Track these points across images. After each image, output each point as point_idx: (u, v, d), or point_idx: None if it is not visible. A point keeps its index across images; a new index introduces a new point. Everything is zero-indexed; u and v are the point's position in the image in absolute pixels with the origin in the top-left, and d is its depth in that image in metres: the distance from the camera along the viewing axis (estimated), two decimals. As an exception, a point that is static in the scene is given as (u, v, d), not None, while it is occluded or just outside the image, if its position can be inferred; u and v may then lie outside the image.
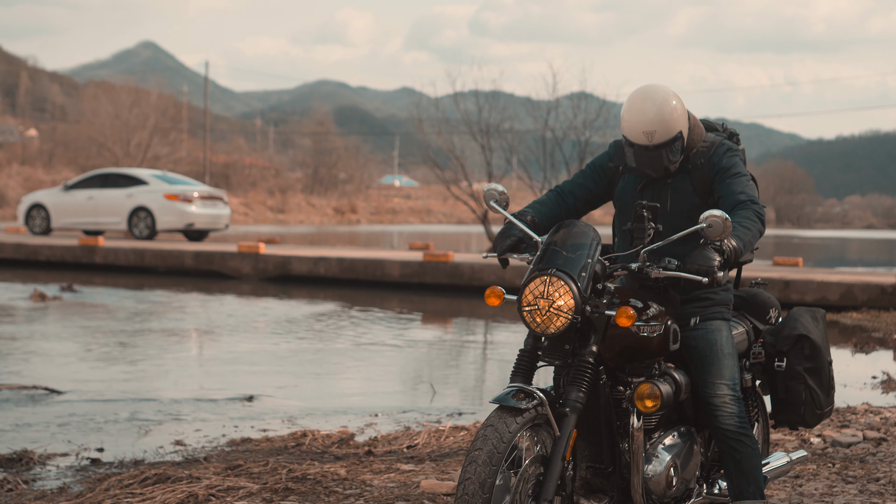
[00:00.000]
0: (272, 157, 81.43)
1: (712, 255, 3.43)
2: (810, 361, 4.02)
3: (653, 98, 3.72)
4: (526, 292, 3.40)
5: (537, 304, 3.38)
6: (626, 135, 3.77)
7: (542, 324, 3.37)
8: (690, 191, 3.83)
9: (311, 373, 9.19)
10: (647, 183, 3.88)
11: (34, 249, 20.50)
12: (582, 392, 3.37)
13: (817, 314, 4.15)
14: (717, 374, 3.69)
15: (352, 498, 4.64)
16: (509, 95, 32.26)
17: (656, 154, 3.74)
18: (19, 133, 65.60)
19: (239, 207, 55.22)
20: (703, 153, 3.84)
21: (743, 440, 3.66)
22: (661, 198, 3.84)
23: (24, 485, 5.11)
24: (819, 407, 4.05)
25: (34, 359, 9.28)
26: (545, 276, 3.39)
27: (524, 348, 3.50)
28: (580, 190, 4.00)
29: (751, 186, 3.77)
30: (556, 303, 3.35)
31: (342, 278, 17.67)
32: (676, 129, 3.73)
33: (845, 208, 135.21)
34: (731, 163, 3.80)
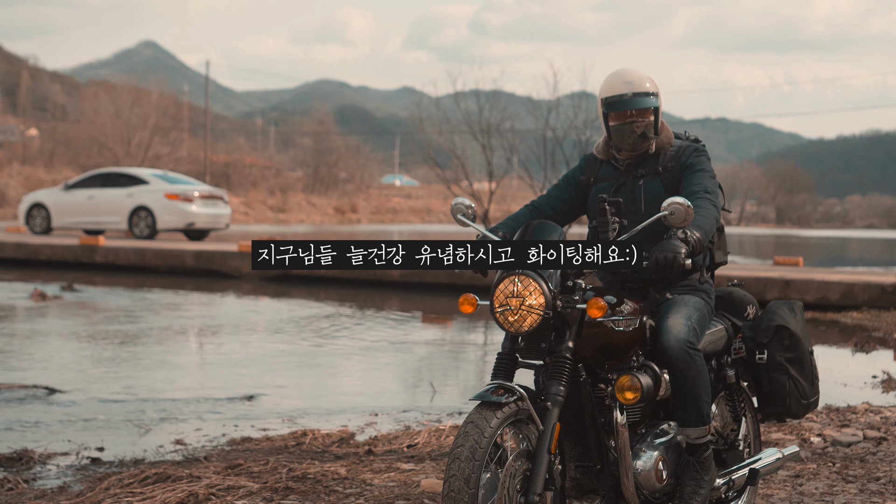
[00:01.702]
0: (273, 157, 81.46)
1: (678, 245, 3.51)
2: (791, 352, 4.08)
3: (630, 66, 4.09)
4: (497, 294, 3.43)
5: (509, 304, 3.40)
6: (606, 94, 3.97)
7: (514, 323, 3.40)
8: (662, 192, 3.96)
9: (311, 372, 9.19)
10: (619, 186, 4.01)
11: (35, 249, 20.50)
12: (562, 386, 3.40)
13: (794, 306, 4.21)
14: (676, 307, 3.77)
15: (352, 497, 4.64)
16: (510, 95, 32.29)
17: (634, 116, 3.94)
18: (20, 132, 65.61)
19: (239, 207, 55.22)
20: (673, 156, 4.01)
21: (689, 363, 3.66)
22: (635, 199, 3.97)
23: (25, 484, 5.11)
24: (805, 397, 4.09)
25: (34, 358, 9.29)
26: (513, 276, 3.42)
27: (502, 351, 3.53)
28: (556, 202, 4.12)
29: (711, 182, 3.91)
30: (528, 301, 3.38)
31: (342, 278, 17.67)
32: (653, 90, 3.98)
33: (846, 208, 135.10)
34: (697, 160, 3.98)
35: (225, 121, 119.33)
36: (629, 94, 3.95)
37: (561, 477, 3.44)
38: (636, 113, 3.96)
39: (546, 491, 3.32)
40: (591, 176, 4.10)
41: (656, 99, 3.99)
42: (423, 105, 32.26)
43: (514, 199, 59.78)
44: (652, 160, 4.04)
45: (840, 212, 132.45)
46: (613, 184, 4.03)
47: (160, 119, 59.26)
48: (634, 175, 4.02)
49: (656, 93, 4.00)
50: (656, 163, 4.02)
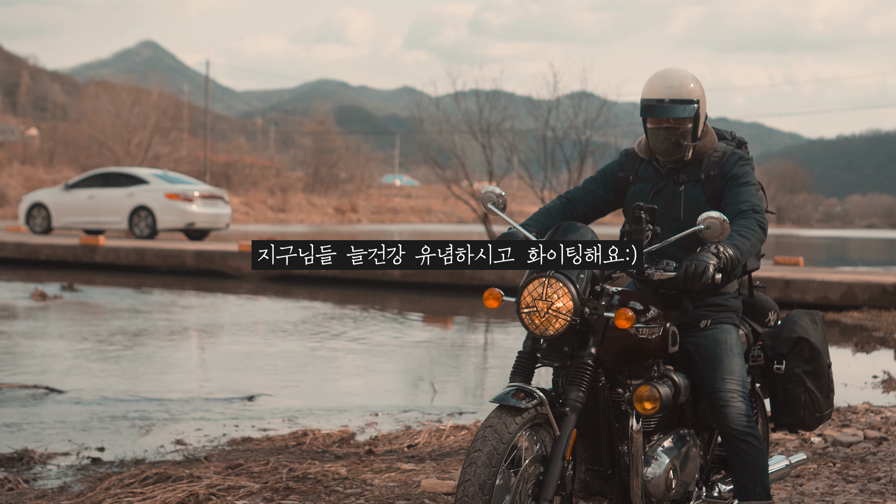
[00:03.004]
0: (273, 157, 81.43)
1: (709, 258, 3.44)
2: (809, 364, 4.01)
3: (677, 68, 3.92)
4: (524, 294, 3.39)
5: (536, 306, 3.36)
6: (646, 95, 3.85)
7: (540, 326, 3.36)
8: (703, 200, 3.86)
9: (312, 372, 9.19)
10: (658, 189, 3.92)
11: (35, 249, 20.50)
12: (581, 392, 3.37)
13: (816, 317, 4.14)
14: (726, 372, 3.69)
15: (352, 497, 4.64)
16: (510, 95, 32.26)
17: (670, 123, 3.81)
18: (20, 132, 65.61)
19: (240, 207, 55.22)
20: (716, 163, 3.89)
21: (750, 440, 3.65)
22: (675, 205, 3.88)
23: (25, 484, 5.11)
24: (819, 410, 4.03)
25: (34, 358, 9.28)
26: (543, 278, 3.37)
27: (523, 350, 3.50)
28: (591, 197, 4.02)
29: (757, 196, 3.80)
30: (555, 305, 3.34)
31: (342, 278, 17.67)
32: (695, 96, 3.82)
33: (846, 208, 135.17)
34: (742, 171, 3.84)
35: (225, 121, 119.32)
36: (667, 101, 3.81)
37: (571, 481, 3.41)
38: (673, 121, 3.83)
39: (556, 496, 3.30)
40: (630, 174, 3.99)
41: (697, 106, 3.82)
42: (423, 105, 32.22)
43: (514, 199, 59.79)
44: (694, 166, 3.92)
45: (840, 212, 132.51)
46: (653, 186, 3.93)
47: (160, 119, 59.25)
48: (676, 180, 3.91)
49: (698, 99, 3.83)
50: (699, 169, 3.90)
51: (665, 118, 3.82)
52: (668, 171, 3.92)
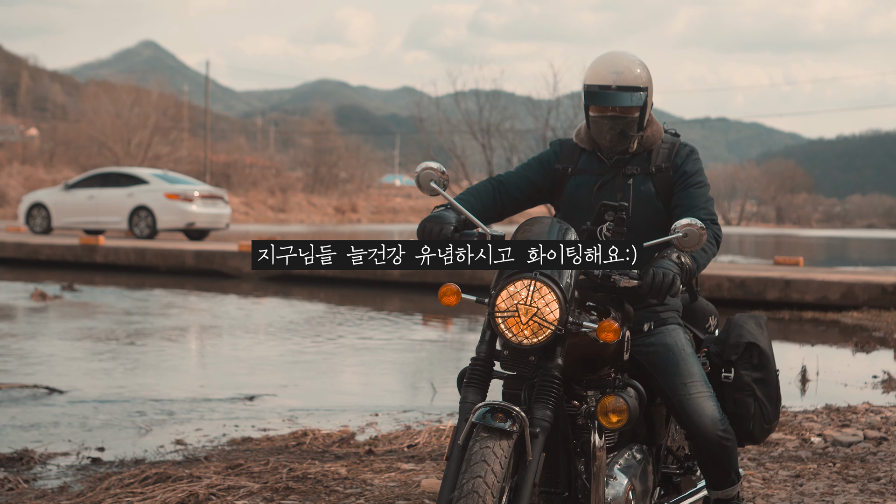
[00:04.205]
0: (273, 157, 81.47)
1: (672, 266, 3.18)
2: (759, 371, 3.69)
3: (623, 51, 3.63)
4: (502, 295, 3.02)
5: (516, 311, 2.99)
6: (590, 81, 3.54)
7: (519, 334, 2.99)
8: (653, 194, 3.60)
9: (312, 372, 9.19)
10: (604, 183, 3.62)
11: (35, 249, 20.50)
12: (549, 410, 3.01)
13: (760, 320, 3.83)
14: (687, 375, 3.43)
15: (352, 497, 4.64)
16: (510, 95, 32.28)
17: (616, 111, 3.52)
18: (20, 132, 65.62)
19: (240, 207, 55.23)
20: (665, 155, 3.63)
21: (727, 442, 3.43)
22: (622, 201, 3.57)
23: (25, 484, 5.11)
24: (767, 421, 3.71)
25: (34, 358, 9.28)
26: (528, 280, 3.00)
27: (478, 357, 3.12)
28: (525, 183, 3.69)
29: (711, 200, 3.59)
30: (541, 311, 2.98)
31: (342, 278, 17.67)
32: (643, 83, 3.53)
33: (846, 208, 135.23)
34: (696, 169, 3.61)
35: (225, 121, 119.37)
36: (613, 88, 3.50)
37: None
38: (619, 109, 3.52)
39: None
40: (569, 165, 3.66)
41: (645, 94, 3.53)
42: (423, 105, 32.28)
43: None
44: (642, 158, 3.64)
45: (840, 212, 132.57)
46: (597, 179, 3.62)
47: (160, 119, 59.29)
48: (624, 173, 3.61)
49: (647, 87, 3.54)
50: (648, 161, 3.62)
51: (610, 106, 3.53)
52: (614, 163, 3.63)
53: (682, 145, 3.66)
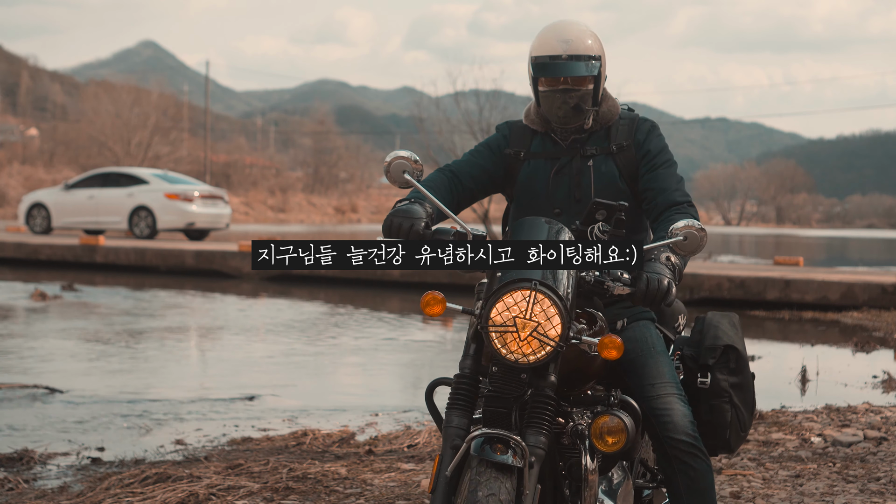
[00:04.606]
0: (273, 157, 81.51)
1: (664, 270, 2.85)
2: (736, 376, 3.32)
3: (572, 20, 3.37)
4: (499, 308, 2.69)
5: (514, 326, 2.67)
6: (538, 52, 3.26)
7: (516, 351, 2.67)
8: (616, 176, 3.31)
9: (312, 372, 9.19)
10: (561, 166, 3.32)
11: (35, 249, 20.50)
12: (543, 436, 2.71)
13: (734, 319, 3.48)
14: (656, 374, 3.08)
15: (352, 497, 4.64)
16: (510, 95, 32.25)
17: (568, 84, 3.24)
18: (20, 132, 65.65)
19: (240, 207, 55.24)
20: (625, 131, 3.34)
21: (697, 454, 3.02)
22: (583, 184, 3.30)
23: (25, 484, 5.11)
24: (744, 428, 3.35)
25: (34, 358, 9.28)
26: (528, 291, 2.67)
27: (462, 373, 2.80)
28: (478, 172, 3.39)
29: (682, 180, 3.30)
30: (542, 326, 2.66)
31: (342, 278, 17.67)
32: (595, 51, 3.26)
33: (846, 208, 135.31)
34: (661, 145, 3.32)
35: (225, 120, 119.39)
36: (564, 57, 3.23)
37: None
38: (571, 81, 3.24)
39: None
40: (521, 149, 3.37)
41: (598, 64, 3.25)
42: (423, 105, 32.26)
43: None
44: (600, 136, 3.34)
45: (840, 212, 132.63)
46: (554, 163, 3.33)
47: (160, 119, 59.31)
48: (582, 154, 3.32)
49: (599, 56, 3.26)
50: (607, 140, 3.33)
51: (562, 77, 3.25)
52: (570, 144, 3.34)
53: (643, 120, 3.38)
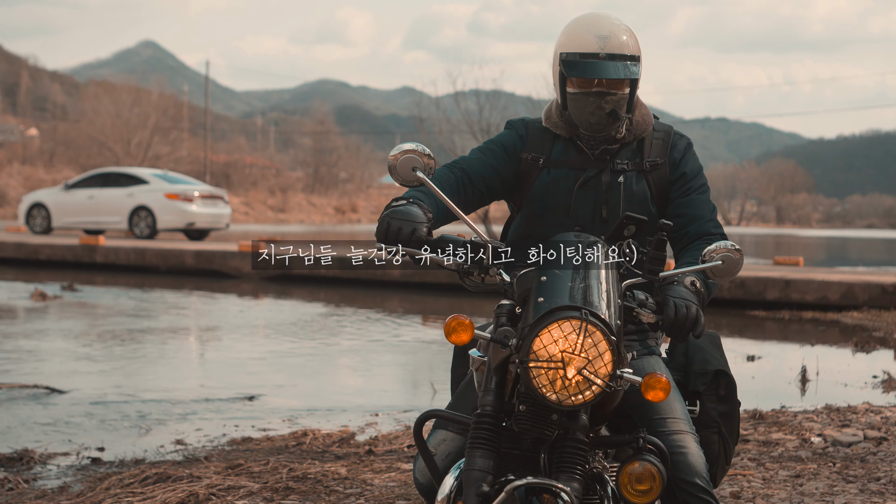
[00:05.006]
0: (273, 157, 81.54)
1: (691, 296, 2.59)
2: (725, 404, 3.01)
3: (605, 12, 2.99)
4: (545, 341, 2.32)
5: (562, 362, 2.31)
6: (570, 48, 2.87)
7: (560, 392, 2.32)
8: (648, 196, 2.97)
9: (312, 372, 9.19)
10: (587, 180, 2.95)
11: (35, 249, 20.50)
12: (577, 482, 2.41)
13: (716, 340, 3.13)
14: (668, 409, 2.77)
15: (352, 497, 4.64)
16: (510, 95, 32.28)
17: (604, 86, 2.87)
18: (20, 132, 65.66)
19: (240, 207, 55.25)
20: (659, 147, 3.00)
21: (709, 499, 2.72)
22: (610, 202, 2.94)
23: (25, 484, 5.11)
24: (728, 461, 3.04)
25: (34, 358, 9.28)
26: (578, 322, 2.31)
27: (483, 412, 2.47)
28: (490, 173, 2.98)
29: (715, 209, 3.03)
30: (595, 364, 2.31)
31: (342, 278, 17.67)
32: (635, 51, 2.89)
33: (846, 208, 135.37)
34: (696, 168, 3.01)
35: (225, 120, 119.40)
36: (601, 56, 2.84)
37: None
38: (607, 83, 2.86)
39: None
40: (540, 155, 2.98)
41: (638, 66, 2.88)
42: (423, 105, 32.29)
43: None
44: (632, 149, 2.99)
45: (840, 212, 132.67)
46: (578, 175, 2.95)
47: (160, 119, 59.32)
48: (613, 168, 2.96)
49: (639, 56, 2.90)
50: (640, 154, 2.98)
51: (597, 79, 2.86)
52: (599, 155, 2.96)
53: (678, 136, 3.05)
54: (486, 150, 3.01)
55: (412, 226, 2.57)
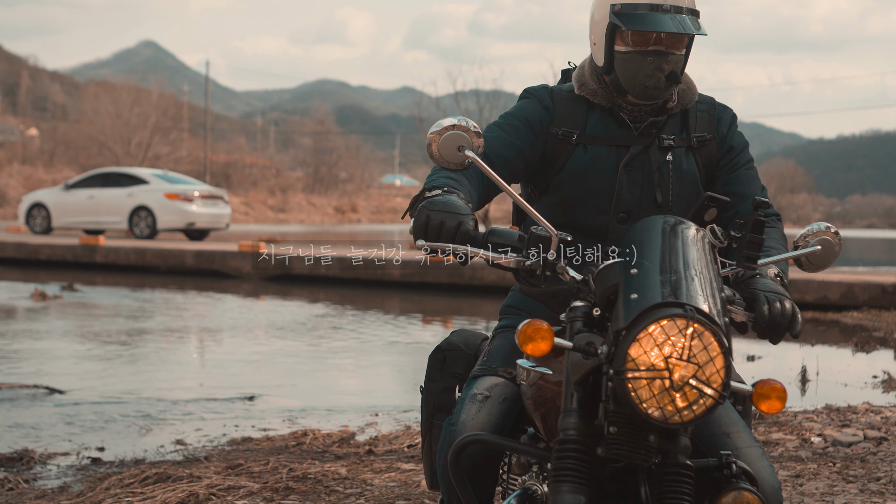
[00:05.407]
0: (273, 157, 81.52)
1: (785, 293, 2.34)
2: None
3: None
4: (645, 345, 1.90)
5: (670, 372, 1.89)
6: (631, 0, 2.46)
7: (666, 406, 1.90)
8: (697, 177, 2.61)
9: (312, 372, 9.19)
10: (632, 158, 2.55)
11: (35, 249, 20.50)
12: None
13: None
14: (728, 421, 2.36)
15: (352, 497, 4.64)
16: (510, 95, 32.28)
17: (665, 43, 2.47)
18: (20, 132, 65.66)
19: (240, 207, 55.24)
20: (705, 120, 2.63)
21: None
22: (662, 185, 2.57)
23: (25, 484, 5.11)
24: None
25: (34, 358, 9.28)
26: (683, 320, 1.90)
27: (567, 437, 2.03)
28: (514, 154, 2.53)
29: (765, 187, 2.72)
30: (706, 371, 1.90)
31: (343, 278, 17.67)
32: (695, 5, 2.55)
33: (846, 208, 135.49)
34: (744, 142, 2.68)
35: (225, 120, 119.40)
36: (666, 7, 2.45)
37: None
38: (667, 41, 2.46)
39: None
40: (573, 130, 2.55)
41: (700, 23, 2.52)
42: (423, 105, 32.31)
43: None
44: (675, 121, 2.60)
45: (840, 212, 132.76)
46: (622, 153, 2.55)
47: (160, 119, 59.32)
48: (660, 144, 2.57)
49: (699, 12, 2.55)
50: (685, 128, 2.60)
51: (657, 36, 2.46)
52: (645, 129, 2.57)
53: (722, 108, 2.69)
54: (507, 126, 2.57)
55: (456, 219, 2.15)
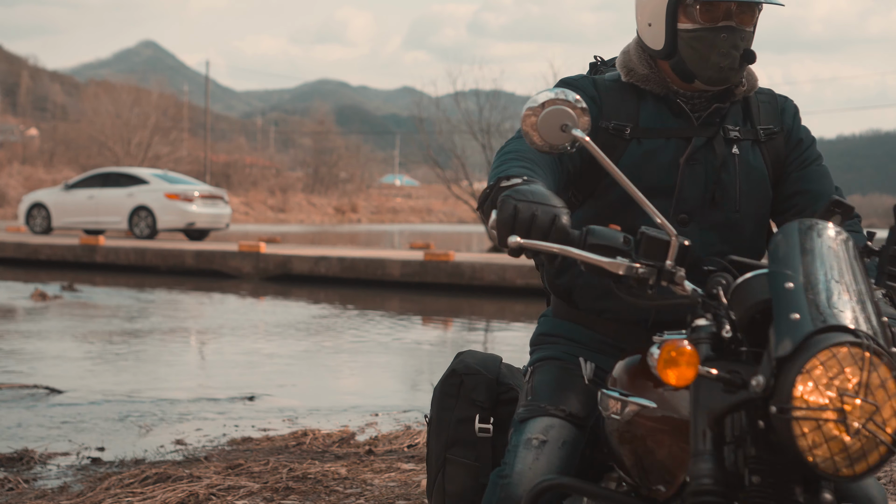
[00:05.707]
0: (273, 157, 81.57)
1: None
2: None
3: None
4: (815, 375, 1.53)
5: (843, 413, 1.52)
6: None
7: (837, 455, 1.53)
8: (765, 173, 2.31)
9: (312, 372, 9.19)
10: (694, 153, 2.25)
11: (35, 249, 20.51)
12: None
13: None
14: None
15: (352, 497, 4.64)
16: (510, 95, 32.30)
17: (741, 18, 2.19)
18: (20, 132, 65.69)
19: (240, 207, 55.24)
20: (769, 110, 2.35)
21: None
22: (727, 183, 2.26)
23: (25, 484, 5.11)
24: None
25: (34, 358, 9.29)
26: (859, 350, 1.54)
27: (701, 487, 1.67)
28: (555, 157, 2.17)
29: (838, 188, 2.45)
30: (882, 412, 1.53)
31: (343, 278, 17.67)
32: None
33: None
34: (811, 137, 2.40)
35: (225, 121, 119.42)
36: None
37: None
38: (739, 15, 2.18)
39: None
40: (626, 123, 2.26)
41: None
42: (423, 105, 32.29)
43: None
44: (737, 111, 2.31)
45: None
46: (682, 146, 2.25)
47: (160, 119, 59.35)
48: (726, 137, 2.27)
49: None
50: (748, 119, 2.32)
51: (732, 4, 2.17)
52: (706, 119, 2.27)
53: (783, 98, 2.43)
54: None
55: (550, 212, 1.74)
